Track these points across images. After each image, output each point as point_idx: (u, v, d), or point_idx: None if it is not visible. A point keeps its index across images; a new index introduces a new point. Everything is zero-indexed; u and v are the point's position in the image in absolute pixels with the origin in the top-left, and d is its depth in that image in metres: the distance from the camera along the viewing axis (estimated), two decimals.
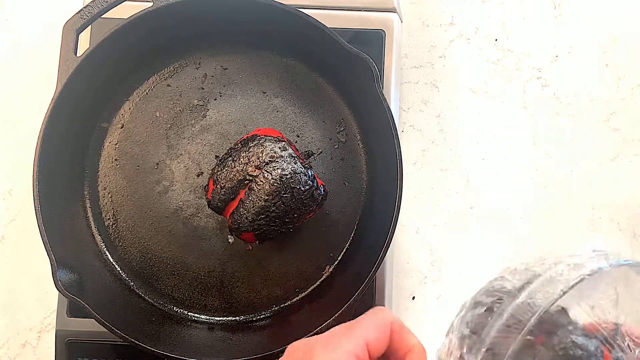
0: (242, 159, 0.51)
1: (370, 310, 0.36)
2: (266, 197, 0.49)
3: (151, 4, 0.52)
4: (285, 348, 0.36)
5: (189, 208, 0.57)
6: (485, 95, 0.63)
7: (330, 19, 0.56)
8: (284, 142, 0.51)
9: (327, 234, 0.57)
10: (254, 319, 0.57)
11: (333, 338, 0.34)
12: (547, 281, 0.34)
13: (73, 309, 0.56)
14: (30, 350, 0.62)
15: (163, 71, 0.59)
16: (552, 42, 0.63)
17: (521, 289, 0.34)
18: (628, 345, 0.32)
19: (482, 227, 0.61)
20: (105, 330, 0.49)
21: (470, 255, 0.61)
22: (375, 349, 0.34)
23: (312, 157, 0.57)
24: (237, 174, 0.50)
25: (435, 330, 0.60)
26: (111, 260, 0.57)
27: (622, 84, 0.63)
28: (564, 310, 0.34)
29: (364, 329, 0.34)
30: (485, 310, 0.35)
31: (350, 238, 0.57)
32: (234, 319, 0.57)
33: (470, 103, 0.63)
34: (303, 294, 0.57)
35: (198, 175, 0.58)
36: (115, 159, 0.58)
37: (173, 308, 0.57)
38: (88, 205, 0.57)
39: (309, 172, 0.51)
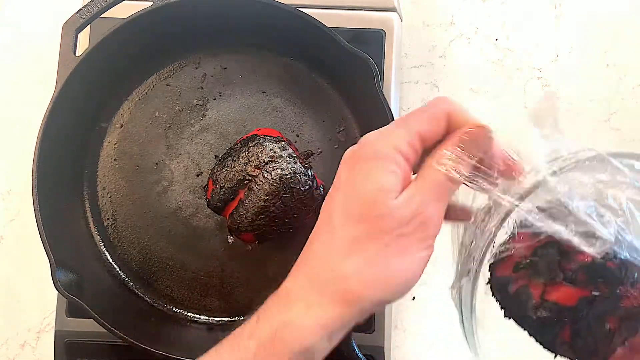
0: (241, 159, 0.50)
1: (430, 101, 0.36)
2: (266, 197, 0.49)
3: (151, 3, 0.52)
4: None
5: (188, 208, 0.57)
6: (486, 95, 0.63)
7: (330, 19, 0.56)
8: (283, 142, 0.51)
9: None
10: None
11: (387, 128, 0.35)
12: None
13: (72, 310, 0.56)
14: (29, 350, 0.61)
15: (162, 71, 0.59)
16: (552, 42, 0.63)
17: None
18: None
19: None
20: (104, 330, 0.49)
21: None
22: (429, 139, 0.35)
23: (311, 157, 0.57)
24: (237, 174, 0.50)
25: (435, 330, 0.60)
26: (110, 260, 0.57)
27: (623, 84, 0.63)
28: None
29: (418, 120, 0.34)
30: None
31: None
32: (233, 319, 0.56)
33: (471, 103, 0.63)
34: None
35: (197, 175, 0.57)
36: (115, 159, 0.58)
37: (172, 308, 0.57)
38: (87, 205, 0.57)
39: (309, 172, 0.51)
